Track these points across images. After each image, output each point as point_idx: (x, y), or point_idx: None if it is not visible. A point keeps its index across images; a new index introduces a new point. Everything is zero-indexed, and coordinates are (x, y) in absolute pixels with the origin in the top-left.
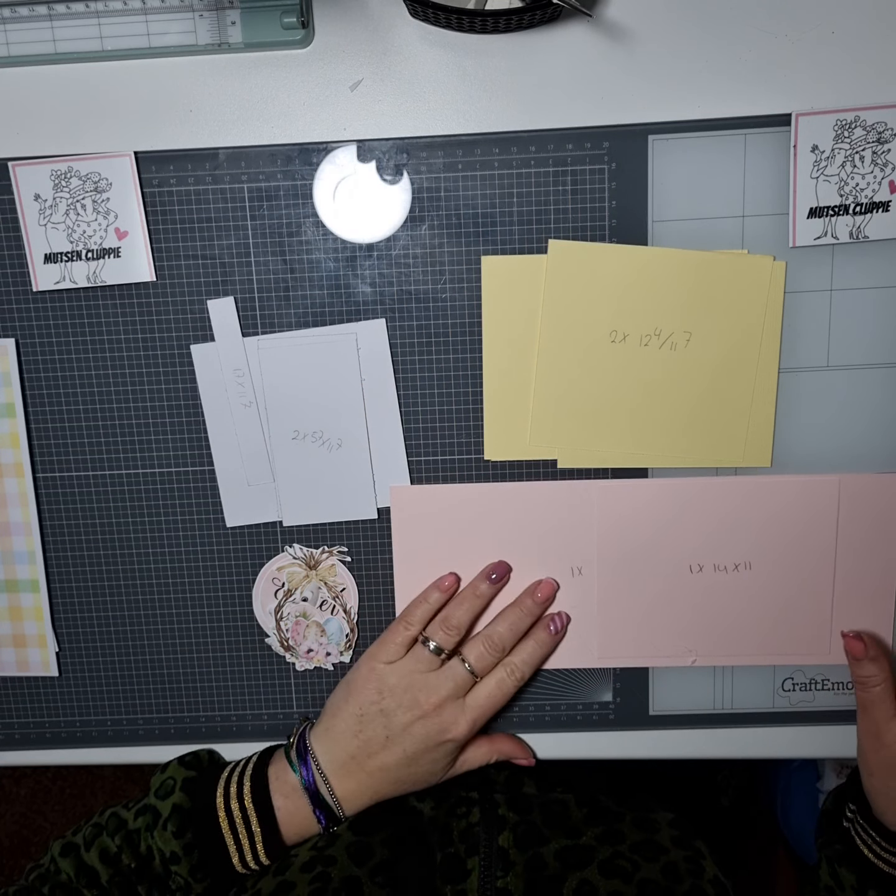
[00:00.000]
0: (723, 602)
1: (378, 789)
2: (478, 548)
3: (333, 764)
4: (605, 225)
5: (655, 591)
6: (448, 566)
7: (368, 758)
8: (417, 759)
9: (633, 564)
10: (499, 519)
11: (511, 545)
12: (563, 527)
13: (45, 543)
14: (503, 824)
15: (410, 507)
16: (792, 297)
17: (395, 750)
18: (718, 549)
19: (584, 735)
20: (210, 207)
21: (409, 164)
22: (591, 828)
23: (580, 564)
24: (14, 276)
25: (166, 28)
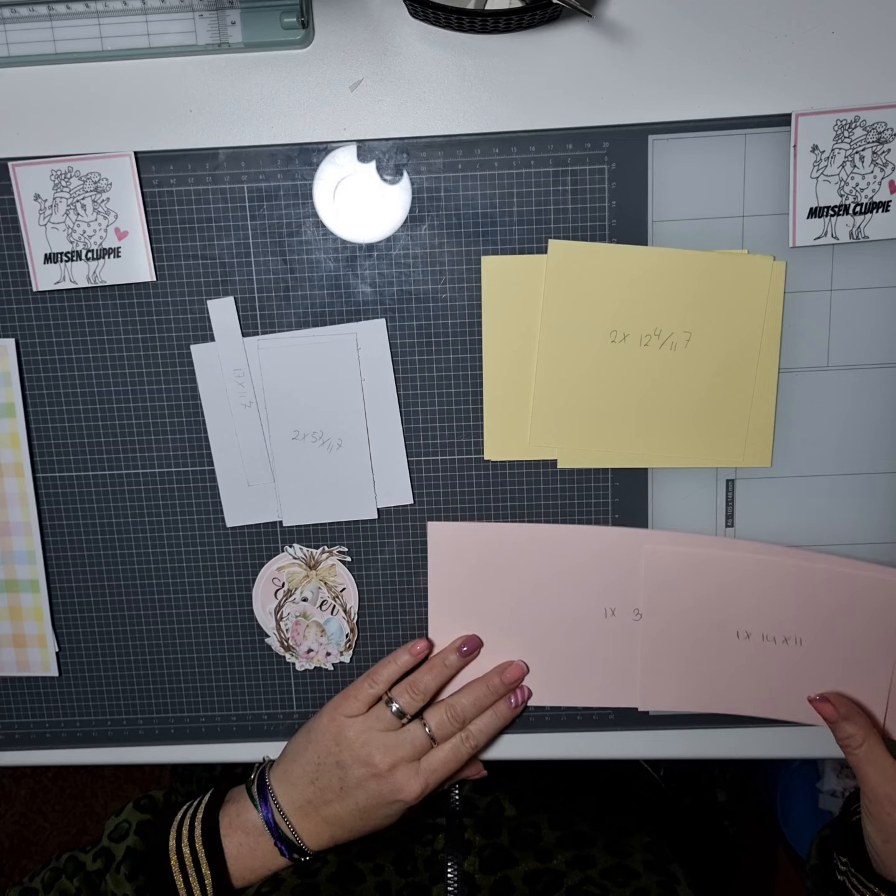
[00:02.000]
0: (768, 671)
1: (334, 834)
2: (512, 587)
3: (292, 805)
4: (605, 225)
5: (700, 648)
6: (482, 602)
7: (323, 805)
8: (369, 813)
9: (678, 620)
10: (535, 559)
11: (546, 583)
12: (603, 572)
13: (45, 543)
14: (469, 848)
15: (447, 543)
16: (792, 297)
17: (348, 801)
18: (769, 620)
19: (584, 735)
20: (210, 207)
21: (409, 164)
22: (562, 851)
23: (614, 606)
24: (14, 276)
25: (166, 28)
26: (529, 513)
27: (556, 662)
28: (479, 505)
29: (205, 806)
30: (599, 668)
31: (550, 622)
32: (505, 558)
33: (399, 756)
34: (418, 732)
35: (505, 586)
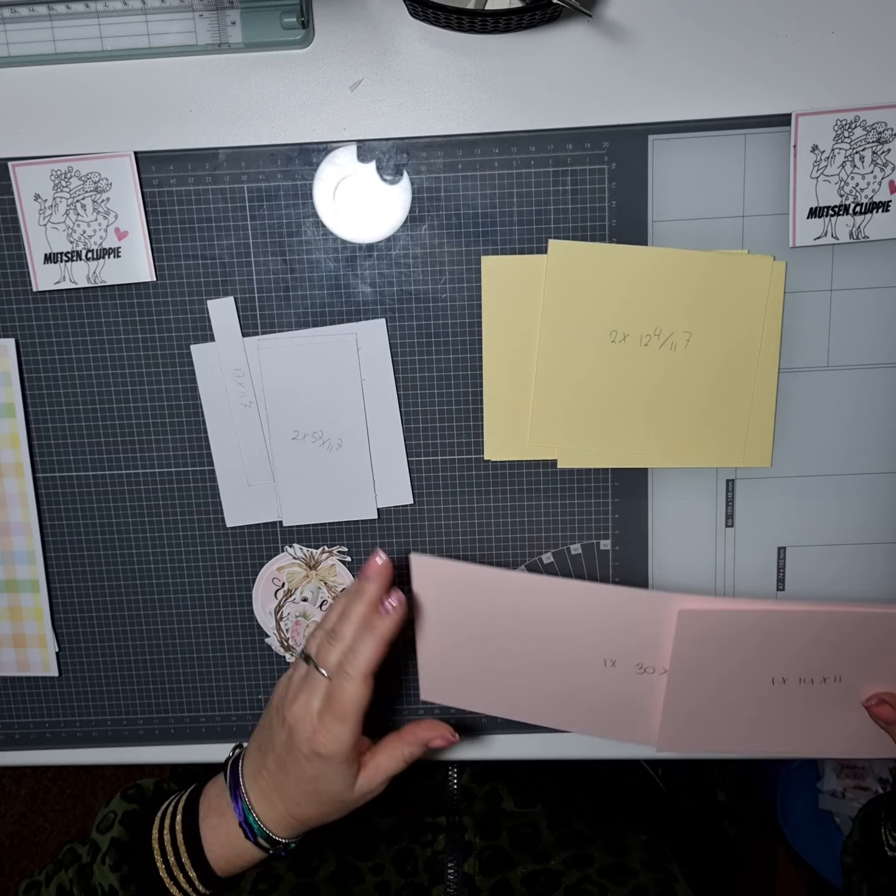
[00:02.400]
0: (805, 710)
1: (292, 812)
2: (500, 628)
3: (252, 782)
4: (605, 225)
5: (730, 698)
6: (470, 636)
7: (270, 777)
8: (312, 780)
9: (707, 675)
10: (522, 609)
11: (537, 633)
12: (603, 627)
13: (45, 543)
14: (469, 850)
15: (431, 577)
16: (792, 297)
17: (287, 770)
18: (806, 665)
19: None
20: (210, 207)
21: (409, 164)
22: (559, 852)
23: (614, 658)
24: (14, 276)
25: (166, 28)
26: (529, 513)
27: (557, 700)
28: (478, 505)
29: (189, 792)
30: (605, 709)
31: (548, 667)
32: (493, 603)
33: (301, 700)
34: (303, 666)
35: (493, 627)
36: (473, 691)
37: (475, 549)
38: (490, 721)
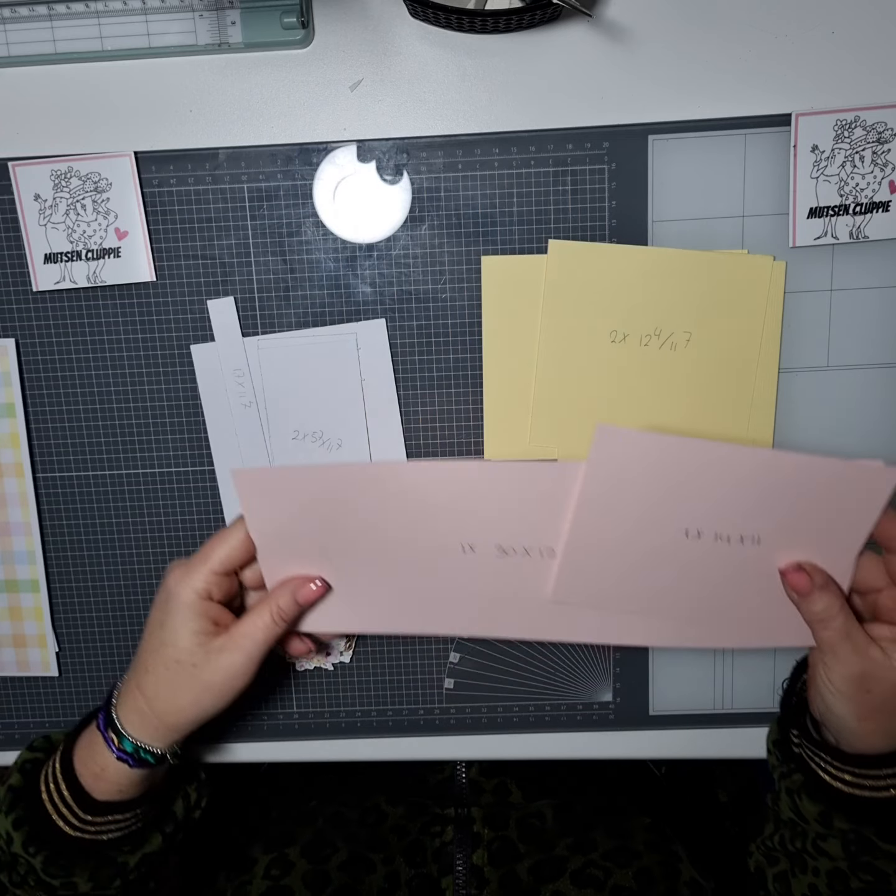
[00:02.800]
0: (718, 575)
1: (149, 696)
2: (352, 529)
3: (121, 698)
4: (605, 225)
5: (638, 548)
6: (321, 549)
7: (134, 668)
8: (159, 628)
9: (614, 521)
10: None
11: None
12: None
13: (45, 543)
14: (478, 842)
15: (261, 494)
16: (792, 297)
17: (144, 644)
18: (724, 519)
19: (584, 735)
20: (210, 207)
21: (409, 164)
22: (563, 838)
23: (471, 542)
24: (14, 276)
25: (166, 28)
26: None
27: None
28: None
29: (75, 727)
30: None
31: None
32: (337, 502)
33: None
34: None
35: (343, 530)
36: (373, 610)
37: None
38: (505, 721)
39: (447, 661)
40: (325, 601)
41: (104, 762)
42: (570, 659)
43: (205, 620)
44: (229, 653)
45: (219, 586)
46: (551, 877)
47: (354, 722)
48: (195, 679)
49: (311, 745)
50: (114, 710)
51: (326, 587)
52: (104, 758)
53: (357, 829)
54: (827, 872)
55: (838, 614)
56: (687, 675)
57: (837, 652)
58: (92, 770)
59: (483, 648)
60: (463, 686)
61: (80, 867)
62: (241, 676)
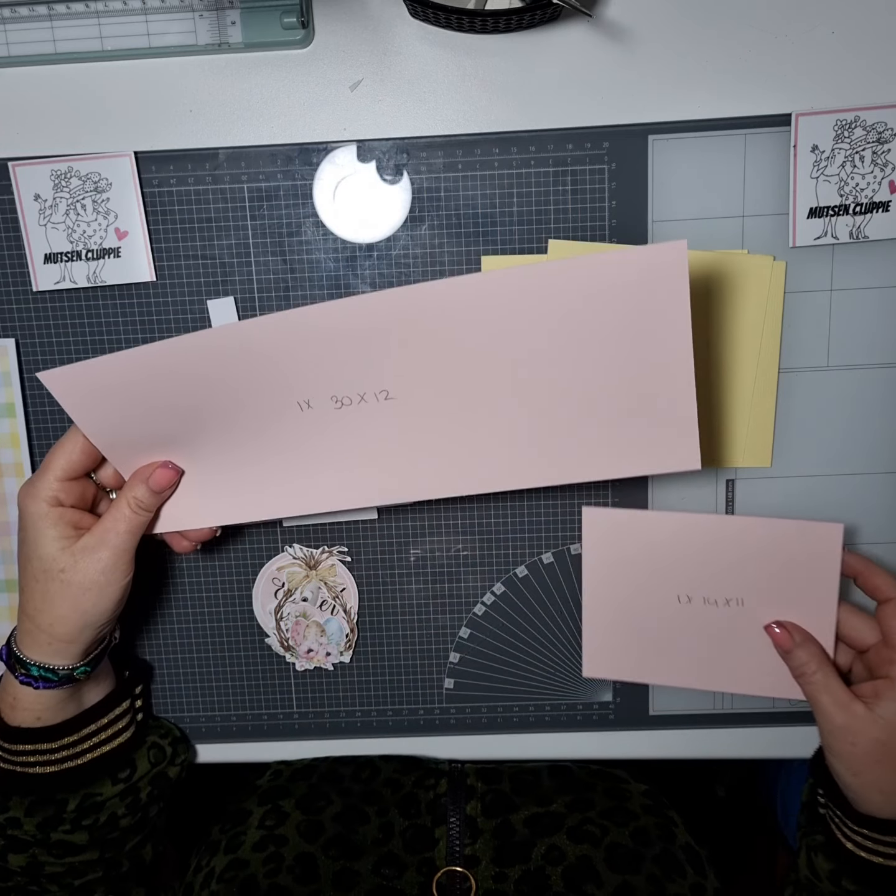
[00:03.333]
0: (713, 635)
1: (30, 613)
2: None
3: (17, 625)
4: (605, 225)
5: (641, 616)
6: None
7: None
8: (23, 544)
9: (619, 584)
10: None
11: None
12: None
13: None
14: (472, 793)
15: (82, 393)
16: (792, 297)
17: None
18: (710, 584)
19: (584, 735)
20: (210, 207)
21: (409, 164)
22: (561, 796)
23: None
24: (14, 276)
25: (166, 28)
26: (529, 513)
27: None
28: (479, 505)
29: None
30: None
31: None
32: (161, 382)
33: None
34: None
35: (179, 409)
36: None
37: (475, 549)
38: (504, 721)
39: (447, 661)
40: (187, 495)
41: (14, 691)
42: (570, 659)
43: (62, 526)
44: (93, 550)
45: (67, 492)
46: (548, 831)
47: (354, 722)
48: (66, 584)
49: (311, 745)
50: (13, 640)
51: (178, 471)
52: (14, 687)
53: (351, 783)
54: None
55: (818, 669)
56: None
57: (819, 703)
58: (7, 702)
59: (483, 649)
60: (463, 686)
61: (15, 800)
62: (112, 571)
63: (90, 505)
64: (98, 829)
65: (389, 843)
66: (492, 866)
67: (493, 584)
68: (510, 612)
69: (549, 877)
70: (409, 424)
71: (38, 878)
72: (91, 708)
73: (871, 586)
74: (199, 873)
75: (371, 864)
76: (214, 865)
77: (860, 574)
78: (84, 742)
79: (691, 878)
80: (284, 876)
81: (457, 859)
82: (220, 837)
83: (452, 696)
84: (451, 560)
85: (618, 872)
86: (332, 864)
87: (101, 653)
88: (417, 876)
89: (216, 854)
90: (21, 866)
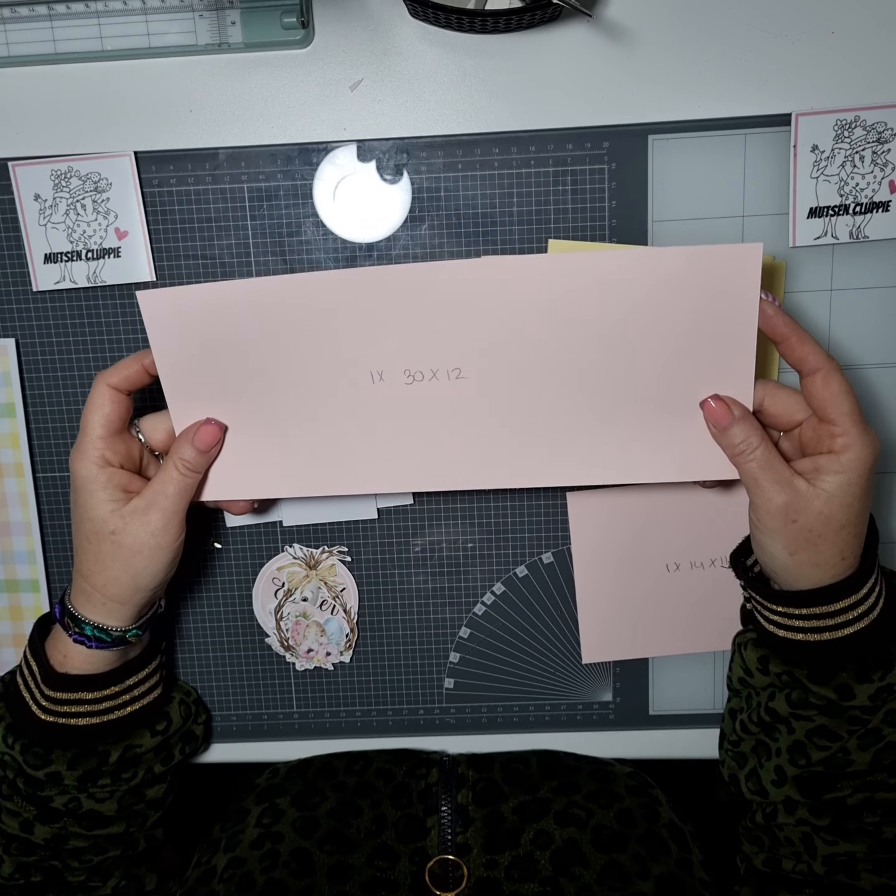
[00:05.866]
0: (704, 595)
1: (86, 573)
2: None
3: (71, 585)
4: (605, 225)
5: (637, 589)
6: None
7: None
8: (76, 507)
9: (609, 564)
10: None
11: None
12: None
13: (45, 543)
14: (463, 782)
15: (169, 318)
16: (792, 297)
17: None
18: (693, 548)
19: (584, 735)
20: (210, 207)
21: (409, 164)
22: (548, 781)
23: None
24: (14, 276)
25: (166, 28)
26: (529, 513)
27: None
28: (478, 505)
29: (38, 622)
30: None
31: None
32: (246, 327)
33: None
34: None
35: (251, 362)
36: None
37: (475, 549)
38: (504, 721)
39: (447, 661)
40: (237, 463)
41: (65, 648)
42: (570, 658)
43: (111, 489)
44: (143, 512)
45: (113, 450)
46: (535, 817)
47: (354, 722)
48: (118, 546)
49: (311, 745)
50: (67, 599)
51: (221, 426)
52: (66, 644)
53: (345, 777)
54: (787, 748)
55: (759, 444)
56: (687, 675)
57: (760, 483)
58: (56, 659)
59: (483, 648)
60: (463, 686)
61: (57, 753)
62: (162, 533)
63: (138, 466)
64: (129, 795)
65: (382, 835)
66: (483, 854)
67: (493, 584)
68: (510, 612)
69: (538, 861)
70: (476, 407)
71: (60, 852)
72: (133, 660)
73: (798, 356)
74: (198, 868)
75: (365, 856)
76: (216, 864)
77: (787, 339)
78: (126, 693)
79: (676, 855)
80: (280, 871)
81: (449, 848)
82: (220, 836)
83: (452, 696)
84: (452, 559)
85: (604, 852)
86: (326, 859)
87: (150, 617)
88: (410, 866)
89: (216, 853)
90: (46, 838)
